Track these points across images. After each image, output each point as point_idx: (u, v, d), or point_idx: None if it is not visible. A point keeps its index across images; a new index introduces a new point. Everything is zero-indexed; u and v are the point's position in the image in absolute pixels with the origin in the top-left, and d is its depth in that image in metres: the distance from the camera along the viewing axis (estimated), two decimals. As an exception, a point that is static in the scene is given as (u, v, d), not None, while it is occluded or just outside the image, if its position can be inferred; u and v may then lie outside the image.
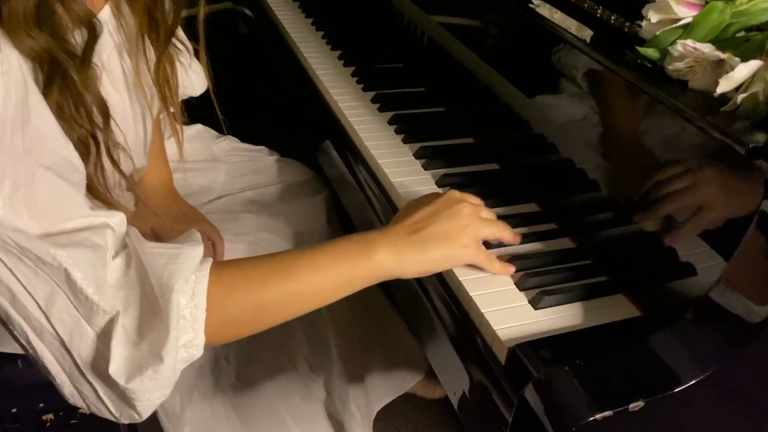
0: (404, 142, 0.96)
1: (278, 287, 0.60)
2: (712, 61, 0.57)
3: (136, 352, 0.53)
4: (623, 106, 0.69)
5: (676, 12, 0.60)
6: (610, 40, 0.72)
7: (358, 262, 0.63)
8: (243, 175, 1.12)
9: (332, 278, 0.62)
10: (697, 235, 0.65)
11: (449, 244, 0.67)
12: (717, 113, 0.55)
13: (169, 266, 0.54)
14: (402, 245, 0.65)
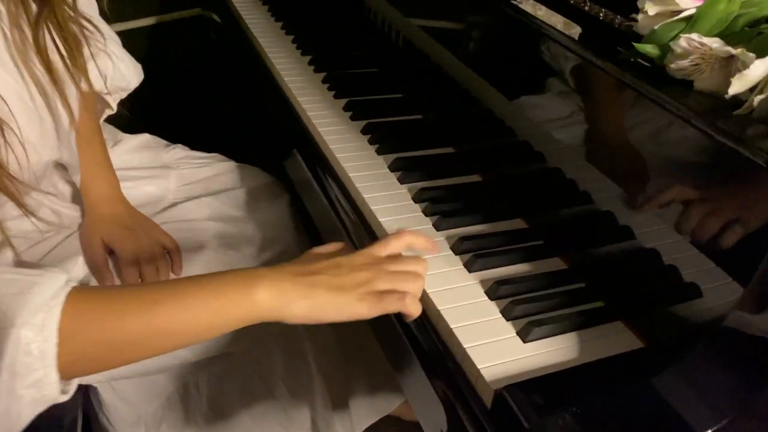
0: (378, 153, 0.88)
1: (140, 322, 0.53)
2: (721, 57, 0.49)
3: None
4: (617, 109, 0.61)
5: (677, 3, 0.52)
6: (601, 38, 0.65)
7: (235, 298, 0.56)
8: (196, 181, 1.05)
9: (203, 315, 0.55)
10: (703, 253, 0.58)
11: (341, 294, 0.59)
12: (729, 118, 0.48)
13: (18, 297, 0.47)
14: (288, 286, 0.58)
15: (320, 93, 1.03)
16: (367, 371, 1.11)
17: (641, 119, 0.58)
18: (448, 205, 0.77)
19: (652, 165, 0.61)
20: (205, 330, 0.56)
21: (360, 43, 1.15)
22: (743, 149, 0.45)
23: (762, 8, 0.51)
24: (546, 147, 0.77)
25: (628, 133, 0.62)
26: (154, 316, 0.53)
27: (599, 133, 0.68)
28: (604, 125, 0.67)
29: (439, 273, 0.68)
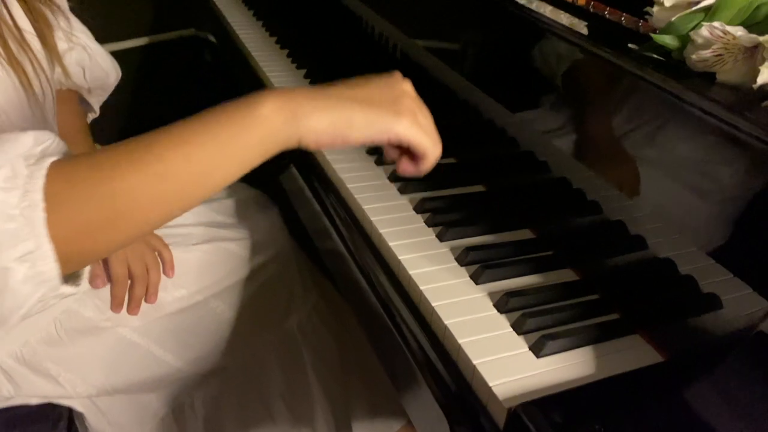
0: (377, 164, 0.85)
1: (136, 170, 0.43)
2: (746, 47, 0.46)
3: None
4: (631, 108, 0.58)
5: (695, -8, 0.50)
6: (609, 35, 0.62)
7: (237, 120, 0.46)
8: None
9: (206, 149, 0.45)
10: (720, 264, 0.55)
11: (372, 106, 0.50)
12: (759, 110, 0.44)
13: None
14: (300, 99, 0.48)
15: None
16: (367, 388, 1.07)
17: (657, 117, 0.55)
18: (451, 216, 0.74)
19: (667, 169, 0.58)
20: (211, 166, 0.45)
21: (357, 55, 1.13)
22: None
23: (785, -3, 0.48)
24: (550, 157, 0.74)
25: (642, 134, 0.59)
26: (151, 160, 0.43)
27: (609, 137, 0.65)
28: (615, 129, 0.64)
29: (445, 285, 0.64)
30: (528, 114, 0.76)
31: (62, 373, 0.81)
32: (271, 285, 0.98)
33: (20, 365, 0.79)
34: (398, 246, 0.70)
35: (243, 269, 0.95)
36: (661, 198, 0.60)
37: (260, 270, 0.97)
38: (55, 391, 0.82)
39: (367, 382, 1.06)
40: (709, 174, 0.53)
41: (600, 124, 0.64)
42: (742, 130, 0.45)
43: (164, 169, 0.44)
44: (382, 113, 0.51)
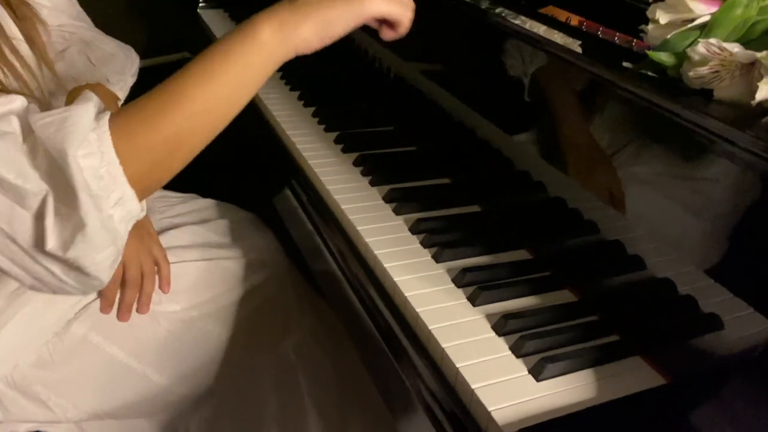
0: (372, 184, 0.84)
1: (177, 113, 0.55)
2: (743, 64, 0.46)
3: (62, 223, 0.51)
4: (627, 126, 0.58)
5: (691, 9, 0.49)
6: (603, 54, 0.62)
7: (245, 51, 0.56)
8: (177, 215, 1.01)
9: (227, 81, 0.56)
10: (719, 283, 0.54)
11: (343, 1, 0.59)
12: (758, 126, 0.44)
13: (59, 132, 0.50)
14: (286, 16, 0.58)
15: (310, 127, 0.99)
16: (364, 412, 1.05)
17: (654, 135, 0.54)
18: (447, 236, 0.73)
19: (664, 186, 0.57)
20: (235, 93, 0.57)
21: (349, 77, 1.13)
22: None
23: (780, 14, 0.48)
24: (546, 177, 0.74)
25: (639, 153, 0.59)
26: (185, 103, 0.54)
27: (605, 156, 0.64)
28: (611, 148, 0.63)
29: (442, 307, 0.63)
30: (523, 135, 0.75)
31: (52, 397, 0.80)
32: (267, 306, 0.97)
33: (10, 389, 0.78)
34: (394, 267, 0.68)
35: (239, 288, 0.94)
36: (658, 217, 0.60)
37: (256, 290, 0.96)
38: (45, 416, 0.80)
39: (364, 406, 1.04)
40: (708, 192, 0.53)
41: (596, 143, 0.63)
42: (743, 146, 0.44)
43: (199, 106, 0.55)
44: (352, 2, 0.60)
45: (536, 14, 0.72)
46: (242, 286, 0.94)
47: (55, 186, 0.51)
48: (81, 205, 0.50)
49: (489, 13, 0.75)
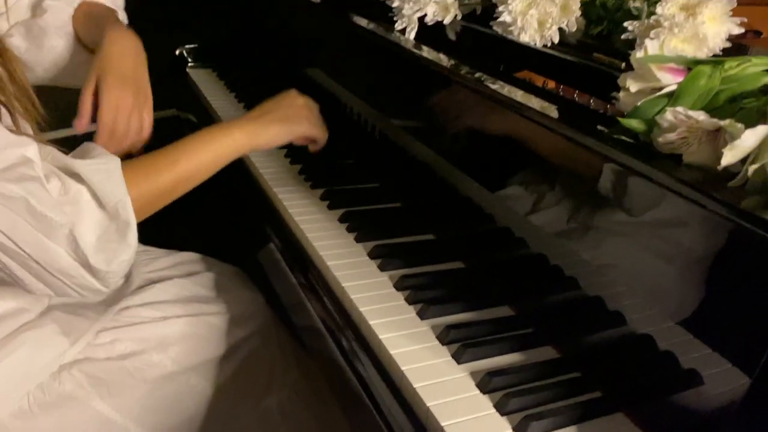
0: (357, 240, 0.85)
1: (170, 174, 0.78)
2: (708, 131, 0.48)
3: (106, 246, 0.69)
4: (602, 187, 0.60)
5: (659, 78, 0.52)
6: (578, 119, 0.64)
7: (222, 140, 0.83)
8: (162, 269, 1.01)
9: (207, 158, 0.82)
10: (697, 338, 0.55)
11: (287, 123, 0.91)
12: (725, 190, 0.46)
13: (110, 181, 0.70)
14: (251, 126, 0.87)
15: (297, 184, 1.01)
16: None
17: (628, 196, 0.57)
18: (431, 293, 0.74)
19: (641, 246, 0.59)
20: (210, 165, 0.82)
21: (336, 135, 1.15)
22: (746, 221, 0.44)
23: (742, 84, 0.51)
24: (528, 233, 0.75)
25: (615, 213, 0.61)
26: (177, 167, 0.78)
27: (584, 215, 0.66)
28: (589, 207, 0.66)
29: (426, 365, 0.64)
30: (504, 192, 0.78)
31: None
32: (251, 361, 0.97)
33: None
34: (379, 325, 0.69)
35: (223, 343, 0.94)
36: (637, 273, 0.61)
37: (241, 345, 0.96)
38: None
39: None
40: (683, 251, 0.55)
41: (574, 202, 0.65)
42: (711, 209, 0.46)
43: (184, 172, 0.79)
44: (291, 124, 0.92)
45: (513, 79, 0.75)
46: (227, 342, 0.94)
47: (88, 219, 0.68)
48: (130, 233, 0.71)
49: (468, 78, 0.78)
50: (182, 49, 1.53)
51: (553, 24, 0.76)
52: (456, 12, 0.87)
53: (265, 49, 1.49)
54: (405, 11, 0.88)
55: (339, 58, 1.16)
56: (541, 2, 0.76)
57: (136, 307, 0.92)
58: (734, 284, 0.51)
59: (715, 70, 0.51)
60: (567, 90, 0.71)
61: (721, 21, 0.67)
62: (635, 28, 0.70)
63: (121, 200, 0.70)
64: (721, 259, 0.49)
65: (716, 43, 0.67)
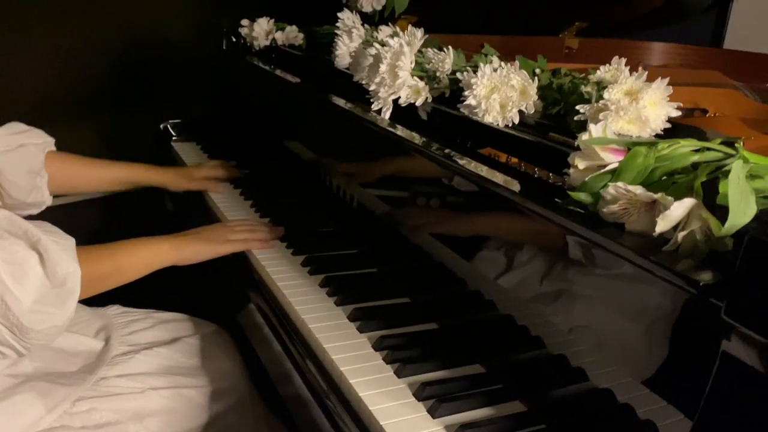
0: (337, 304, 0.90)
1: (108, 263, 0.92)
2: (646, 202, 0.56)
3: (41, 309, 0.76)
4: (561, 253, 0.67)
5: (602, 158, 0.60)
6: (537, 192, 0.72)
7: (152, 247, 0.99)
8: (139, 330, 1.04)
9: (140, 259, 0.97)
10: (651, 390, 0.61)
11: (209, 241, 1.06)
12: (660, 253, 0.53)
13: (65, 254, 0.79)
14: (178, 241, 1.02)
15: (279, 251, 1.07)
16: None
17: (583, 261, 0.64)
18: (407, 352, 0.79)
19: (595, 306, 0.66)
20: (146, 265, 0.98)
21: (315, 205, 1.22)
22: (678, 279, 0.50)
23: (674, 162, 0.59)
24: (496, 296, 0.81)
25: (571, 276, 0.67)
26: (114, 261, 0.93)
27: (543, 278, 0.73)
28: (548, 271, 0.72)
29: (404, 420, 0.68)
30: (474, 258, 0.84)
31: None
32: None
33: None
34: (358, 383, 0.74)
35: (201, 417, 0.96)
36: (593, 331, 0.67)
37: (217, 420, 0.98)
38: None
39: None
40: (631, 310, 0.61)
41: (535, 268, 0.72)
42: (649, 270, 0.53)
43: (120, 261, 0.94)
44: (213, 245, 1.06)
45: (480, 155, 0.83)
46: (204, 416, 0.97)
47: (32, 280, 0.76)
48: (69, 303, 0.79)
49: (438, 154, 0.86)
50: (166, 124, 1.61)
51: (514, 107, 0.85)
52: (426, 95, 0.96)
53: (247, 124, 1.57)
54: (381, 94, 0.97)
55: (318, 133, 1.24)
56: (502, 88, 0.85)
57: (115, 377, 0.94)
58: (673, 337, 0.57)
59: (650, 151, 0.59)
60: (528, 165, 0.79)
61: (661, 105, 0.76)
62: (587, 111, 0.79)
63: (72, 272, 0.79)
64: (660, 315, 0.56)
65: (657, 125, 0.76)
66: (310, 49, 1.44)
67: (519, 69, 0.88)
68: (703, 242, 0.53)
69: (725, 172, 0.57)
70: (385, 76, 0.96)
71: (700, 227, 0.52)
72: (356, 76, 1.06)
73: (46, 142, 1.16)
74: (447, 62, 0.96)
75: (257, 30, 1.42)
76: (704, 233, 0.53)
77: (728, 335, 0.48)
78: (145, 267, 0.97)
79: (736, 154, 0.59)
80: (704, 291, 0.49)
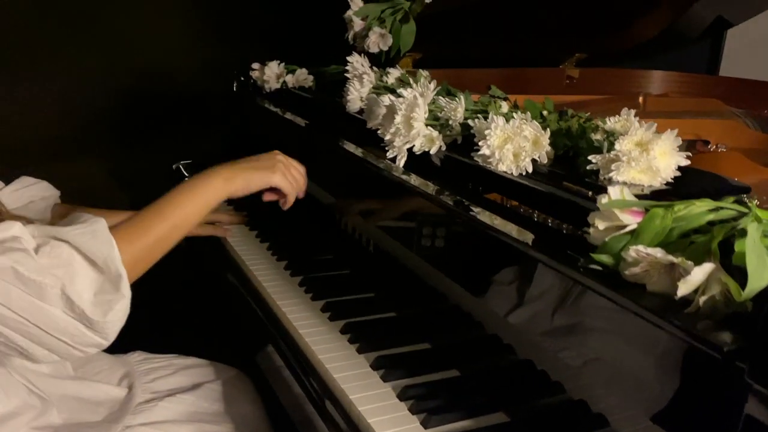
0: (359, 352, 0.92)
1: (161, 226, 0.88)
2: (666, 264, 0.58)
3: (102, 299, 0.76)
4: (578, 309, 0.69)
5: (621, 219, 0.63)
6: (552, 243, 0.74)
7: (204, 189, 0.94)
8: (162, 377, 1.06)
9: (190, 207, 0.92)
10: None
11: (260, 170, 1.01)
12: (682, 315, 0.55)
13: (97, 239, 0.78)
14: (228, 173, 0.97)
15: (298, 296, 1.09)
16: None
17: (603, 320, 0.66)
18: (433, 402, 0.80)
19: (616, 363, 0.67)
20: (196, 212, 0.92)
21: (332, 247, 1.24)
22: (700, 344, 0.53)
23: (690, 222, 0.62)
24: (514, 340, 0.83)
25: (592, 333, 0.69)
26: (164, 220, 0.88)
27: (563, 331, 0.74)
28: (567, 325, 0.74)
29: (432, 472, 0.70)
30: (492, 304, 0.86)
31: None
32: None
33: None
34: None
35: None
36: (614, 381, 0.69)
37: None
38: None
39: None
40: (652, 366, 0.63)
41: (558, 320, 0.74)
42: (670, 332, 0.56)
43: (173, 222, 0.89)
44: (263, 172, 1.02)
45: (494, 204, 0.86)
46: None
47: (81, 278, 0.75)
48: (122, 286, 0.77)
49: (452, 203, 0.88)
50: (179, 165, 1.64)
51: (527, 156, 0.87)
52: (440, 144, 0.99)
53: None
54: (396, 143, 0.99)
55: (333, 176, 1.27)
56: (515, 138, 0.88)
57: (140, 425, 0.96)
58: (693, 396, 0.59)
59: (667, 212, 0.61)
60: (541, 215, 0.82)
61: (671, 155, 0.79)
62: (598, 161, 0.82)
63: (109, 255, 0.77)
64: (681, 374, 0.58)
65: (668, 173, 0.79)
66: (319, 89, 1.47)
67: (530, 119, 0.92)
68: (722, 304, 0.55)
69: (740, 231, 0.60)
70: (400, 126, 0.98)
71: (721, 290, 0.55)
72: (370, 123, 1.08)
73: (52, 195, 1.17)
74: (459, 111, 0.99)
75: (268, 73, 1.46)
76: (724, 296, 0.55)
77: (752, 398, 0.51)
78: (201, 212, 0.93)
79: (749, 212, 0.62)
80: (728, 356, 0.51)
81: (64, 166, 1.22)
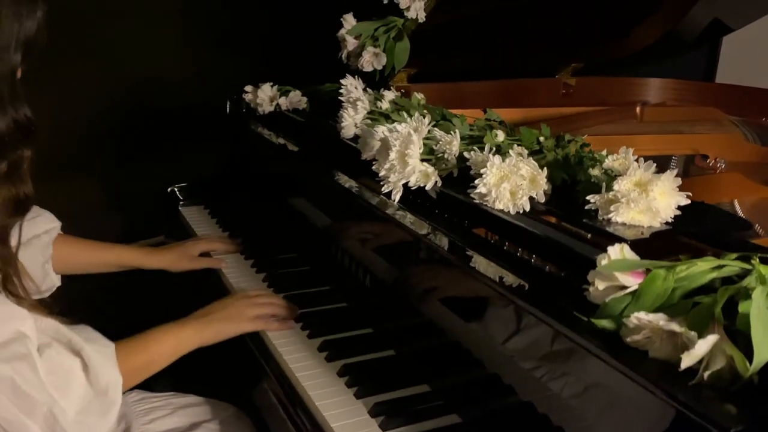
0: (357, 397, 0.91)
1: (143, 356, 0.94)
2: (668, 331, 0.57)
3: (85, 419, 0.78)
4: (579, 373, 0.68)
5: (621, 281, 0.61)
6: (551, 296, 0.72)
7: (180, 336, 0.99)
8: (159, 417, 1.04)
9: (169, 345, 0.97)
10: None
11: (230, 320, 1.05)
12: (686, 389, 0.54)
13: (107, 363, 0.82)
14: (200, 325, 1.02)
15: (294, 333, 1.07)
16: None
17: (606, 388, 0.64)
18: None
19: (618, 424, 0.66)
20: (173, 354, 0.98)
21: (328, 279, 1.22)
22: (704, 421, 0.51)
23: (692, 281, 0.60)
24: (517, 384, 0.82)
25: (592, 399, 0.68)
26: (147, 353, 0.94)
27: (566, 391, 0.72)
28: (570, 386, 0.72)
29: None
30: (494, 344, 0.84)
31: None
32: None
33: None
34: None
35: None
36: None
37: None
38: None
39: None
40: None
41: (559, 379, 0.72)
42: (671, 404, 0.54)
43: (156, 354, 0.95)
44: (234, 322, 1.05)
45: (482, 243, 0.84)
46: None
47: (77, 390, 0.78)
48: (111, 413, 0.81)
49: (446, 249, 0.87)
50: (174, 188, 1.62)
51: (524, 194, 0.86)
52: (436, 179, 0.97)
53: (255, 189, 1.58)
54: (391, 179, 0.97)
55: (326, 205, 1.25)
56: (512, 176, 0.86)
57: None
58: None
59: (669, 273, 0.60)
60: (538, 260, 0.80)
61: (671, 195, 0.77)
62: (597, 201, 0.80)
63: (114, 382, 0.81)
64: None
65: (668, 214, 0.77)
66: (314, 109, 1.45)
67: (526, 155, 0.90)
68: (728, 376, 0.54)
69: (744, 291, 0.58)
70: (395, 162, 0.97)
71: (726, 363, 0.53)
72: (364, 154, 1.06)
73: (54, 228, 1.16)
74: (454, 144, 0.97)
75: (261, 96, 1.43)
76: (730, 366, 0.54)
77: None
78: (173, 354, 0.97)
79: (753, 269, 0.60)
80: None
81: (54, 186, 1.20)
